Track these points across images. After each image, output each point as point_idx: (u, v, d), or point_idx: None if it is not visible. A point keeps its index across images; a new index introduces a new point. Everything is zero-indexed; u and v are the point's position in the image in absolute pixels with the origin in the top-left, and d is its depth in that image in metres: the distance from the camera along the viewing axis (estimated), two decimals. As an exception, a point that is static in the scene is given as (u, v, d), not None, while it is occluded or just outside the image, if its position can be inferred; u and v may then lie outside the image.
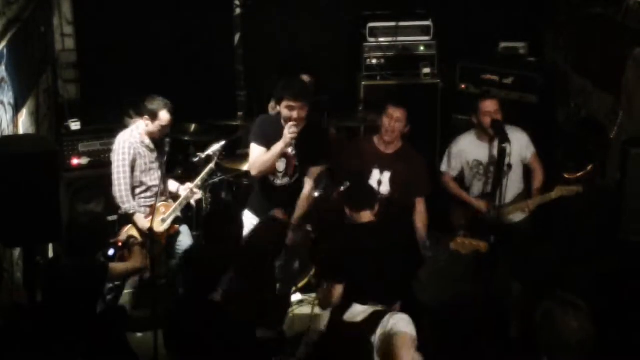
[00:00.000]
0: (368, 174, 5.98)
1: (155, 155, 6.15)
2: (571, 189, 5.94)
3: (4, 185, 4.23)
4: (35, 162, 4.30)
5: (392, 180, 5.96)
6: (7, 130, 5.46)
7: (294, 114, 5.55)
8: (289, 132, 5.51)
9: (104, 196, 6.58)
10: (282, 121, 5.65)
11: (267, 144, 5.67)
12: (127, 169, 6.01)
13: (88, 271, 5.01)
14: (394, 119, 5.91)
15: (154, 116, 6.01)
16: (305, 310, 6.10)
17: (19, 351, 4.35)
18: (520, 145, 5.99)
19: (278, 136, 5.59)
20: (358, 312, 4.81)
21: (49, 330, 4.51)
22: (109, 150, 6.32)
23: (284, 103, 5.61)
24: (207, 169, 6.30)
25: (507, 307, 5.59)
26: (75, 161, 6.94)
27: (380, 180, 5.95)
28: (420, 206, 6.01)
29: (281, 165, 5.77)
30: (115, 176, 6.02)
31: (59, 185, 4.47)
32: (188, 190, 6.23)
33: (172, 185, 6.36)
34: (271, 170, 5.75)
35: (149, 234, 5.71)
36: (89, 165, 6.99)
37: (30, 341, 4.37)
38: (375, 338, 4.69)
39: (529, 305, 3.45)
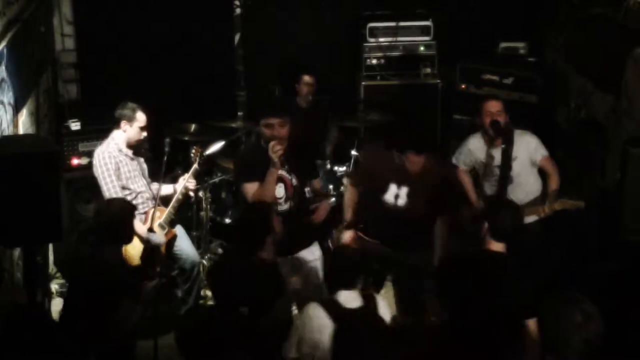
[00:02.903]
0: (385, 188, 5.58)
1: (135, 163, 6.13)
2: (575, 204, 5.73)
3: (4, 185, 4.22)
4: (36, 162, 4.29)
5: (410, 195, 5.54)
6: (7, 130, 5.46)
7: (274, 132, 5.27)
8: (273, 151, 5.22)
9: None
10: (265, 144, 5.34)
11: (258, 176, 5.36)
12: (114, 177, 5.96)
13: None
14: (415, 163, 5.42)
15: (130, 119, 6.03)
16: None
17: (20, 352, 4.34)
18: (528, 149, 5.89)
19: (266, 163, 5.28)
20: (349, 298, 4.53)
21: (50, 331, 4.50)
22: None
23: (262, 122, 5.34)
24: (197, 160, 6.25)
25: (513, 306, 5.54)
26: (75, 161, 6.94)
27: (398, 195, 5.56)
28: (443, 223, 5.63)
29: (280, 191, 5.44)
30: (104, 187, 5.96)
31: (59, 185, 4.47)
32: (183, 183, 6.20)
33: (167, 188, 6.28)
34: (272, 200, 5.40)
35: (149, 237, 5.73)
36: (89, 165, 6.95)
37: (31, 341, 4.35)
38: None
39: (536, 305, 3.40)
